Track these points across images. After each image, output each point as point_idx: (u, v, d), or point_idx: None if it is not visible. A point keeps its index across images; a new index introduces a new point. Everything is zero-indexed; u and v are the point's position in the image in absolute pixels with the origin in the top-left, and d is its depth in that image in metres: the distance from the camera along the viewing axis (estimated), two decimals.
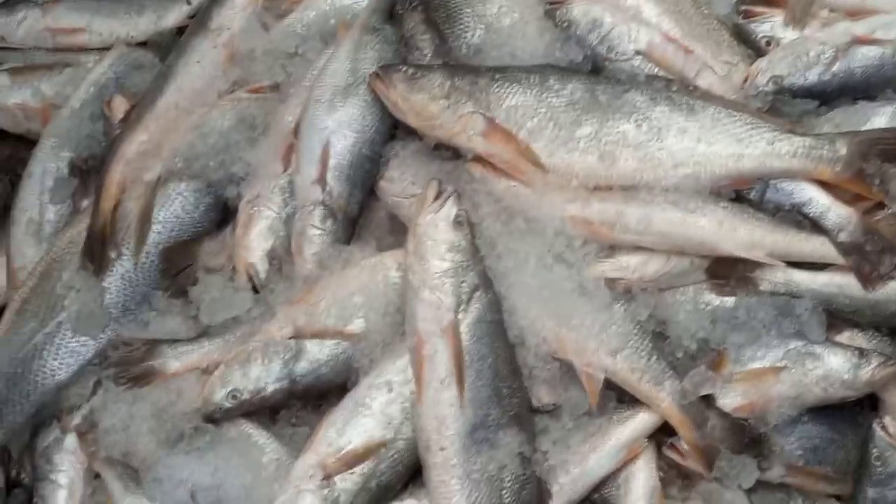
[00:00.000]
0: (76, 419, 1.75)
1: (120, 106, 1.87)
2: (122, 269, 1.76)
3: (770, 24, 1.78)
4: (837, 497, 1.70)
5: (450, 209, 1.58)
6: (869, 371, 1.60)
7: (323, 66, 1.79)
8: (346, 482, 1.57)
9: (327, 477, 1.57)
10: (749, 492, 1.65)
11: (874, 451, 1.60)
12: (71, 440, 1.74)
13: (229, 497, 1.64)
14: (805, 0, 1.77)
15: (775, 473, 1.65)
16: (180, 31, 1.96)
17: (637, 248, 1.68)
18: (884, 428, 1.59)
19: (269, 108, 1.82)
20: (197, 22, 1.89)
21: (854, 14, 1.77)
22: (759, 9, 1.80)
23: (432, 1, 1.81)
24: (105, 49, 1.97)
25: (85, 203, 1.84)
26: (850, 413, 1.69)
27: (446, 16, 1.79)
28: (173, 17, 1.96)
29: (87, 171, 1.87)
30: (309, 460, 1.58)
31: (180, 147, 1.80)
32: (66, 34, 1.97)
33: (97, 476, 1.73)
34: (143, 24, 1.98)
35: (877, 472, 1.60)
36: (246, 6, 1.88)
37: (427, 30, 1.84)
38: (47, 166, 1.87)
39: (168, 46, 1.94)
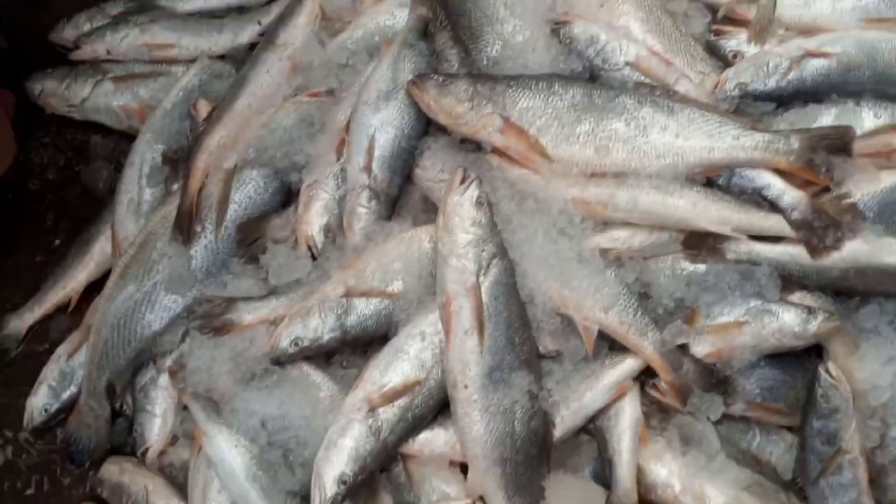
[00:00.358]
0: (168, 362, 1.77)
1: (203, 107, 1.89)
2: (205, 240, 1.78)
3: (736, 41, 1.79)
4: (788, 428, 1.72)
5: (472, 192, 1.60)
6: (815, 325, 1.62)
7: (369, 74, 1.80)
8: (387, 414, 1.60)
9: (372, 409, 1.60)
10: (716, 423, 1.67)
11: (819, 390, 1.61)
12: (164, 379, 1.78)
13: (292, 425, 1.67)
14: (764, 20, 1.77)
15: (737, 408, 1.67)
16: (252, 46, 1.98)
17: (626, 224, 1.70)
18: (827, 371, 1.60)
19: (324, 109, 1.83)
20: (266, 39, 1.91)
21: (805, 32, 1.78)
22: (726, 28, 1.81)
23: (459, 21, 1.81)
24: (191, 61, 1.98)
25: (175, 186, 1.86)
26: (799, 359, 1.71)
27: (470, 34, 1.80)
28: (247, 34, 1.99)
29: (177, 161, 1.89)
30: (357, 396, 1.62)
31: (252, 141, 1.82)
32: (159, 49, 1.99)
33: (185, 408, 1.75)
34: (223, 41, 1.99)
35: (821, 408, 1.61)
36: (306, 26, 1.89)
37: (454, 45, 1.84)
38: (144, 156, 1.89)
39: (242, 59, 1.95)
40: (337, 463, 1.58)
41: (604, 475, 1.67)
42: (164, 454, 1.80)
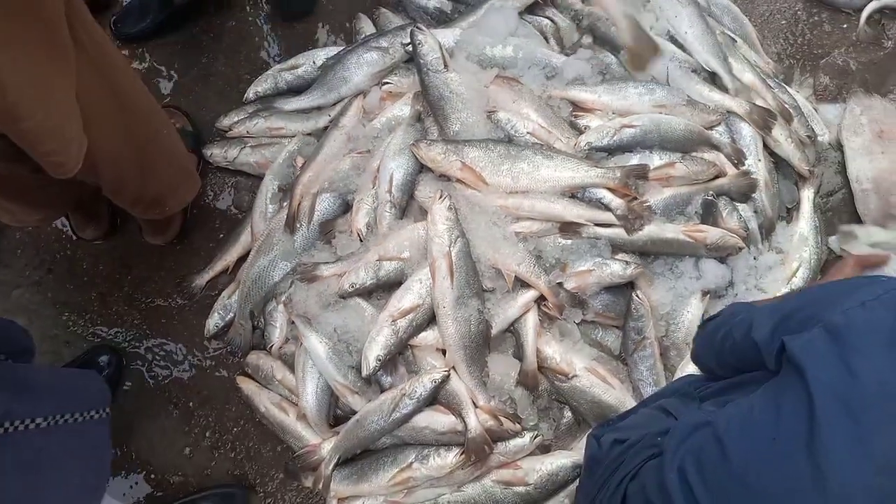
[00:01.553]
0: (283, 298, 1.78)
1: (300, 161, 1.89)
2: (302, 232, 1.79)
3: (586, 120, 1.80)
4: (616, 326, 1.73)
5: (446, 202, 1.62)
6: (630, 270, 1.65)
7: (389, 141, 1.80)
8: (402, 323, 1.62)
9: (394, 321, 1.61)
10: (578, 324, 1.70)
11: (633, 305, 1.66)
12: (280, 307, 1.78)
13: (351, 330, 1.68)
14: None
15: (589, 316, 1.70)
16: (325, 128, 1.96)
17: (529, 218, 1.71)
18: (637, 296, 1.66)
19: (365, 160, 1.83)
20: (333, 123, 1.90)
21: (622, 114, 1.79)
22: (580, 113, 1.81)
23: (437, 112, 1.81)
24: (293, 137, 1.97)
25: (284, 203, 1.85)
26: (622, 289, 1.72)
27: (443, 119, 1.79)
28: (323, 121, 1.96)
29: (285, 190, 1.89)
30: (386, 313, 1.63)
31: (327, 178, 1.82)
32: (275, 130, 1.97)
33: (291, 323, 1.75)
34: (309, 125, 1.97)
35: (634, 315, 1.66)
36: (355, 116, 1.90)
37: (434, 124, 1.84)
38: (268, 187, 1.88)
39: (320, 135, 1.94)
40: (375, 349, 1.60)
41: (518, 354, 1.69)
42: (281, 348, 1.81)
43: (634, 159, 1.74)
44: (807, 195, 1.91)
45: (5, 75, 0.97)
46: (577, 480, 1.65)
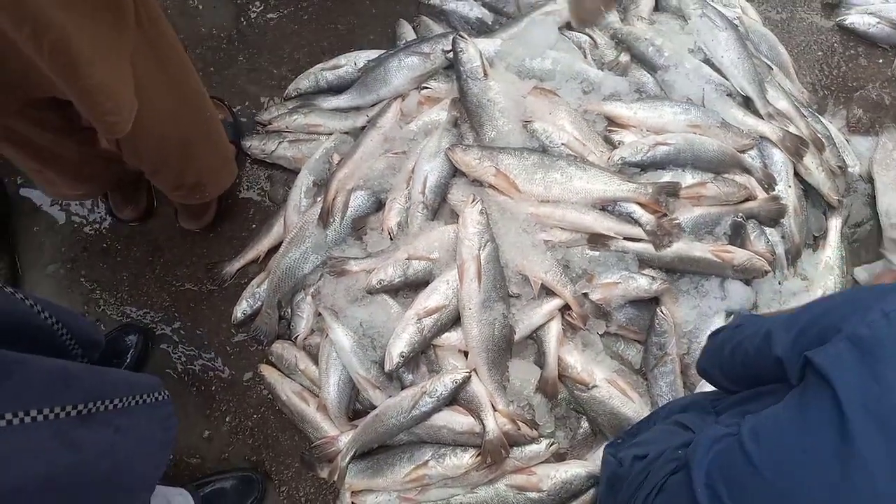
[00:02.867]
0: (311, 290, 1.80)
1: (335, 158, 1.91)
2: (334, 227, 1.81)
3: (620, 135, 1.81)
4: (638, 340, 1.75)
5: (478, 206, 1.65)
6: (656, 286, 1.66)
7: (424, 144, 1.82)
8: (427, 322, 1.64)
9: (419, 319, 1.63)
10: (601, 336, 1.72)
11: (656, 321, 1.67)
12: (308, 299, 1.80)
13: (376, 325, 1.70)
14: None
15: (612, 328, 1.72)
16: (362, 128, 1.97)
17: (558, 228, 1.72)
18: (661, 311, 1.66)
19: (400, 160, 1.85)
20: (371, 123, 1.92)
21: (657, 132, 1.81)
22: (615, 129, 1.83)
23: (473, 119, 1.84)
24: (330, 134, 1.99)
25: (318, 198, 1.86)
26: (647, 304, 1.73)
27: (479, 125, 1.82)
28: (361, 121, 1.98)
29: (320, 185, 1.90)
30: (411, 311, 1.65)
31: (362, 176, 1.84)
32: (313, 127, 1.99)
33: (318, 315, 1.77)
34: (347, 124, 1.99)
35: (657, 331, 1.67)
36: (392, 118, 1.92)
37: (471, 131, 1.86)
38: (304, 182, 1.89)
39: (357, 134, 1.96)
40: (399, 346, 1.62)
41: (540, 362, 1.70)
42: (306, 339, 1.83)
43: (667, 176, 1.76)
44: (834, 224, 1.92)
45: (71, 31, 1.01)
46: (590, 491, 1.66)
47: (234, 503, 1.72)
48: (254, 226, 2.02)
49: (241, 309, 1.90)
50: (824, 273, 1.86)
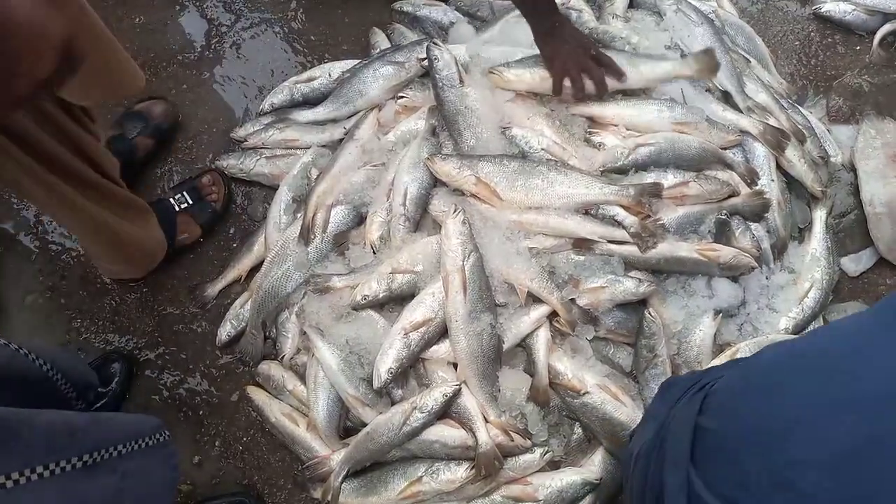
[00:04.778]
0: (295, 309, 1.77)
1: (314, 173, 1.88)
2: (315, 243, 1.78)
3: (601, 136, 1.79)
4: (628, 343, 1.73)
5: (460, 217, 1.63)
6: (643, 288, 1.65)
7: (404, 154, 1.80)
8: (414, 336, 1.61)
9: (406, 334, 1.61)
10: (590, 341, 1.69)
11: (645, 323, 1.66)
12: (293, 318, 1.77)
13: (363, 342, 1.68)
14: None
15: (601, 332, 1.70)
16: (340, 140, 1.95)
17: (542, 234, 1.70)
18: (650, 313, 1.65)
19: (380, 173, 1.83)
20: (348, 135, 1.90)
21: (640, 131, 1.79)
22: (595, 130, 1.80)
23: (451, 127, 1.82)
24: (307, 148, 1.96)
25: (298, 215, 1.84)
26: (634, 307, 1.71)
27: (458, 134, 1.80)
28: (338, 133, 1.96)
29: (299, 202, 1.88)
30: (398, 326, 1.63)
31: (342, 190, 1.81)
32: (290, 142, 1.97)
33: (303, 333, 1.75)
34: (324, 137, 1.97)
35: (646, 333, 1.66)
36: (370, 129, 1.90)
37: (449, 139, 1.84)
38: (283, 198, 1.87)
39: (335, 147, 1.94)
40: (387, 362, 1.60)
41: (530, 370, 1.68)
42: (293, 359, 1.80)
43: (649, 177, 1.74)
44: (819, 216, 1.91)
45: None
46: (587, 498, 1.65)
47: None
48: (234, 244, 1.99)
49: (226, 331, 1.87)
50: (811, 265, 1.86)
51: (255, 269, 1.90)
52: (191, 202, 1.95)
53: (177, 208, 1.94)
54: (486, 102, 1.82)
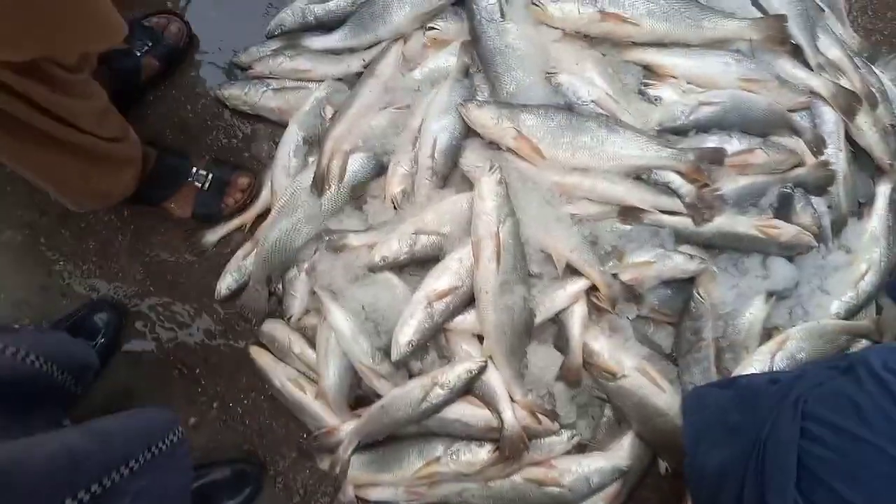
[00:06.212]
0: (305, 266, 1.61)
1: (329, 111, 1.70)
2: (330, 194, 1.60)
3: (657, 91, 1.61)
4: (670, 323, 1.60)
5: (496, 175, 1.46)
6: (693, 265, 1.52)
7: (432, 97, 1.61)
8: (438, 306, 1.47)
9: (429, 304, 1.47)
10: (630, 320, 1.56)
11: (692, 303, 1.53)
12: (303, 276, 1.62)
13: (380, 309, 1.54)
14: None
15: (644, 311, 1.57)
16: (358, 74, 1.74)
17: (586, 199, 1.54)
18: (698, 293, 1.52)
19: (404, 117, 1.64)
20: (368, 70, 1.70)
21: (702, 85, 1.61)
22: (652, 81, 1.62)
23: (488, 68, 1.63)
24: (321, 81, 1.75)
25: (311, 159, 1.68)
26: (681, 284, 1.57)
27: (495, 77, 1.61)
28: (355, 66, 1.75)
29: (312, 143, 1.70)
30: (420, 293, 1.48)
31: (360, 134, 1.63)
32: (301, 72, 1.76)
33: (313, 293, 1.60)
34: (340, 69, 1.76)
35: (692, 314, 1.53)
36: (393, 63, 1.69)
37: (486, 82, 1.66)
38: (292, 138, 1.69)
39: (352, 82, 1.74)
40: (407, 333, 1.47)
41: (561, 346, 1.55)
42: (301, 320, 1.65)
43: (710, 141, 1.56)
44: (883, 191, 1.73)
45: None
46: (614, 485, 1.55)
47: (227, 498, 1.59)
48: None
49: (226, 284, 1.70)
50: (869, 244, 1.69)
51: (261, 216, 1.72)
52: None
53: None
54: (530, 41, 1.60)
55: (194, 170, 1.71)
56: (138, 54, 1.77)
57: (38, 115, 1.23)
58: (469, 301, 1.51)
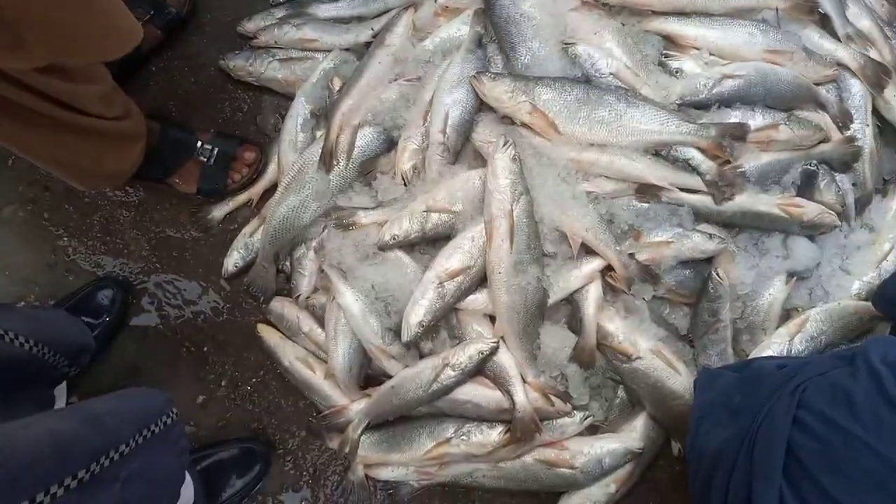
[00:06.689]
0: (314, 243, 1.59)
1: (336, 83, 1.64)
2: (338, 170, 1.55)
3: (679, 62, 1.55)
4: (686, 304, 1.55)
5: (510, 151, 1.40)
6: (712, 244, 1.47)
7: (444, 69, 1.55)
8: (449, 285, 1.44)
9: (440, 283, 1.43)
10: (647, 302, 1.52)
11: (710, 284, 1.47)
12: (311, 254, 1.59)
13: (390, 288, 1.50)
14: None
15: (660, 292, 1.52)
16: (367, 44, 1.69)
17: (603, 176, 1.49)
18: (717, 273, 1.47)
19: (415, 89, 1.58)
20: (377, 40, 1.63)
21: (725, 57, 1.54)
22: (673, 53, 1.56)
23: (502, 38, 1.56)
24: (328, 51, 1.70)
25: (318, 133, 1.62)
26: (699, 265, 1.53)
27: (510, 47, 1.55)
28: (364, 35, 1.69)
29: (319, 116, 1.65)
30: (431, 273, 1.45)
31: (370, 108, 1.57)
32: (308, 42, 1.71)
33: (321, 271, 1.57)
34: (349, 39, 1.71)
35: (710, 295, 1.48)
36: (403, 33, 1.63)
37: (499, 54, 1.59)
38: (299, 112, 1.64)
39: (361, 52, 1.69)
40: (418, 313, 1.44)
41: (574, 327, 1.52)
42: (309, 298, 1.62)
43: (733, 116, 1.50)
44: None
45: None
46: (627, 466, 1.53)
47: (236, 477, 1.57)
48: None
49: (233, 261, 1.67)
50: (893, 223, 1.64)
51: (268, 192, 1.68)
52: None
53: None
54: (546, 10, 1.53)
55: (199, 143, 1.66)
56: (139, 23, 1.70)
57: (47, 104, 1.20)
58: (481, 280, 1.47)
